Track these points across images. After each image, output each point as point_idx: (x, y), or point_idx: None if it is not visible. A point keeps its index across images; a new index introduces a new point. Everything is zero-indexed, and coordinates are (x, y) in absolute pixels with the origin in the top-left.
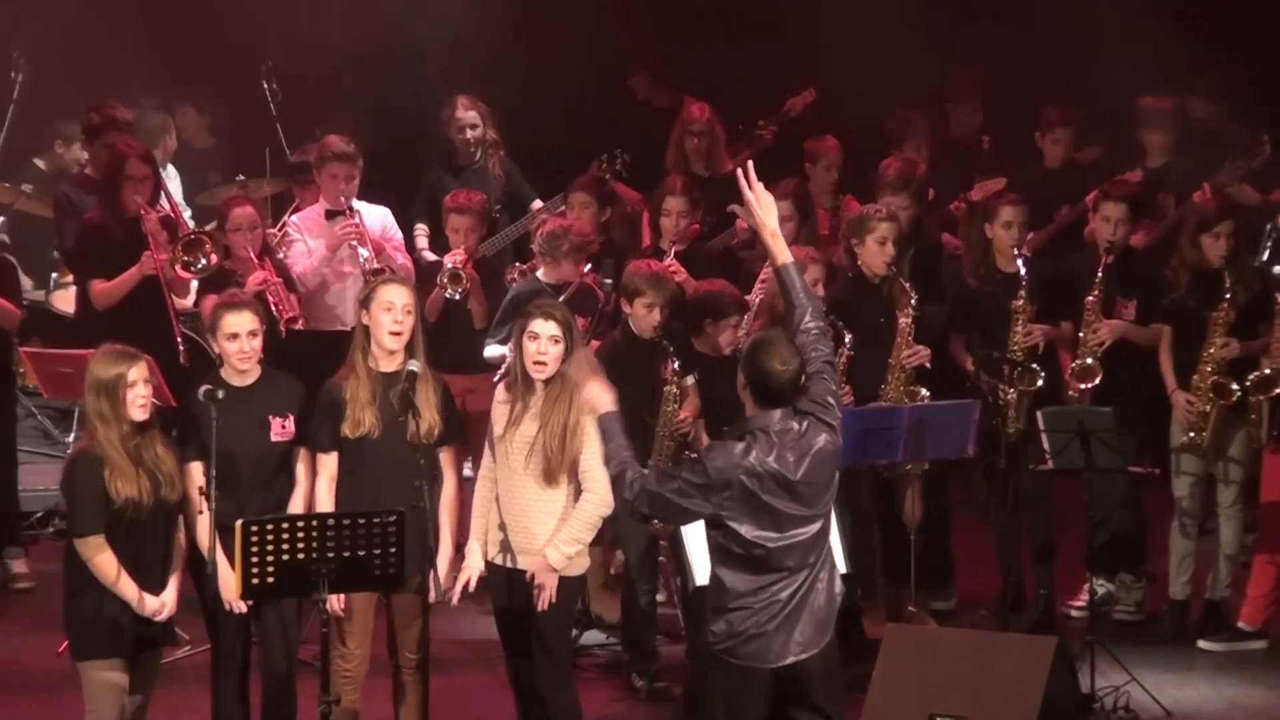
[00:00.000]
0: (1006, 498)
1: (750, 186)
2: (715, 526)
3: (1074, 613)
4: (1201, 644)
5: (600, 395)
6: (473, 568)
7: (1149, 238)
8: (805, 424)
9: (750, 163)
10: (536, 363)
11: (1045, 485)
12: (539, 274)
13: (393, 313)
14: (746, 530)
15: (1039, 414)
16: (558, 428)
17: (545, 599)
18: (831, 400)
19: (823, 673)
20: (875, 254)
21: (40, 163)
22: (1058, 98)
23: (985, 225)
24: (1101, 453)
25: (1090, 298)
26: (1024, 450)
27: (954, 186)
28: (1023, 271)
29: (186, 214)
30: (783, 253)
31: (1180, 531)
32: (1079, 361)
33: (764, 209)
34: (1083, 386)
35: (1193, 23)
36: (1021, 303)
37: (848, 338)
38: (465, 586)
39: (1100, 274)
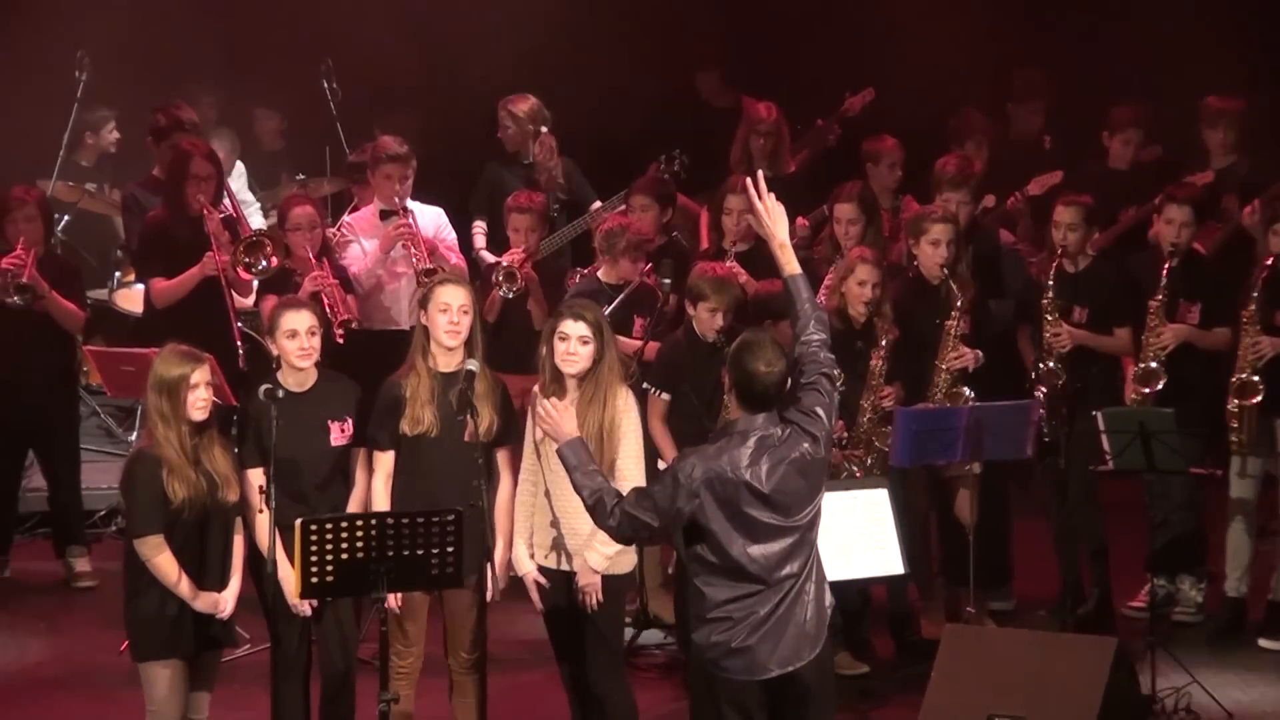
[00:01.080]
0: (1064, 498)
1: (761, 197)
2: (692, 534)
3: (1134, 614)
4: (1263, 643)
5: (557, 428)
6: (527, 572)
7: (1213, 240)
8: (787, 431)
9: (761, 173)
10: (564, 363)
11: (1094, 488)
12: (599, 274)
13: (449, 313)
14: (721, 537)
15: (1099, 415)
16: (594, 429)
17: (591, 602)
18: (820, 412)
19: (816, 682)
20: (929, 255)
21: (83, 161)
22: (1121, 97)
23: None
24: (1163, 454)
25: (1154, 301)
26: (1078, 451)
27: (1015, 187)
28: (1051, 276)
29: (255, 212)
30: (791, 263)
31: (1239, 531)
32: (1142, 365)
33: (774, 219)
34: (1145, 390)
35: (1259, 21)
36: (1049, 303)
37: (883, 340)
38: (499, 585)
39: (1164, 277)
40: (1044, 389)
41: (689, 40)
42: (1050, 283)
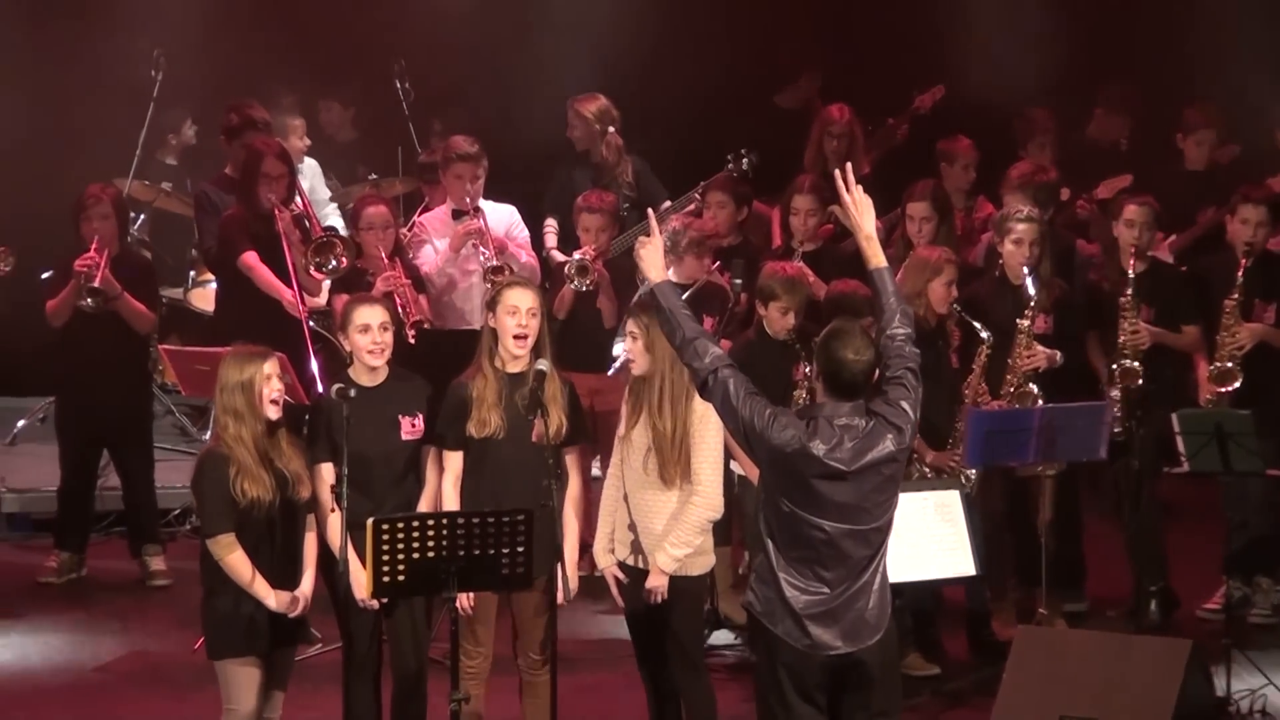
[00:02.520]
0: (1138, 500)
1: (849, 189)
2: (767, 494)
3: (1209, 616)
4: None
5: (653, 260)
6: (607, 566)
7: None
8: (872, 423)
9: (849, 165)
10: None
11: (1154, 486)
12: (669, 273)
13: (517, 316)
14: (791, 504)
15: (1174, 417)
16: (668, 430)
17: (654, 600)
18: (906, 406)
19: (877, 668)
20: (1012, 255)
21: (168, 159)
22: (1197, 97)
23: (1114, 224)
24: (1239, 456)
25: (1229, 301)
26: (1147, 451)
27: (1086, 187)
28: (1130, 274)
29: (333, 211)
30: (877, 256)
31: None
32: (1218, 365)
33: (861, 212)
34: (1221, 390)
35: None
36: (1128, 300)
37: (985, 334)
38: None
39: (1239, 277)
40: (1119, 389)
41: (763, 40)
42: (1131, 279)
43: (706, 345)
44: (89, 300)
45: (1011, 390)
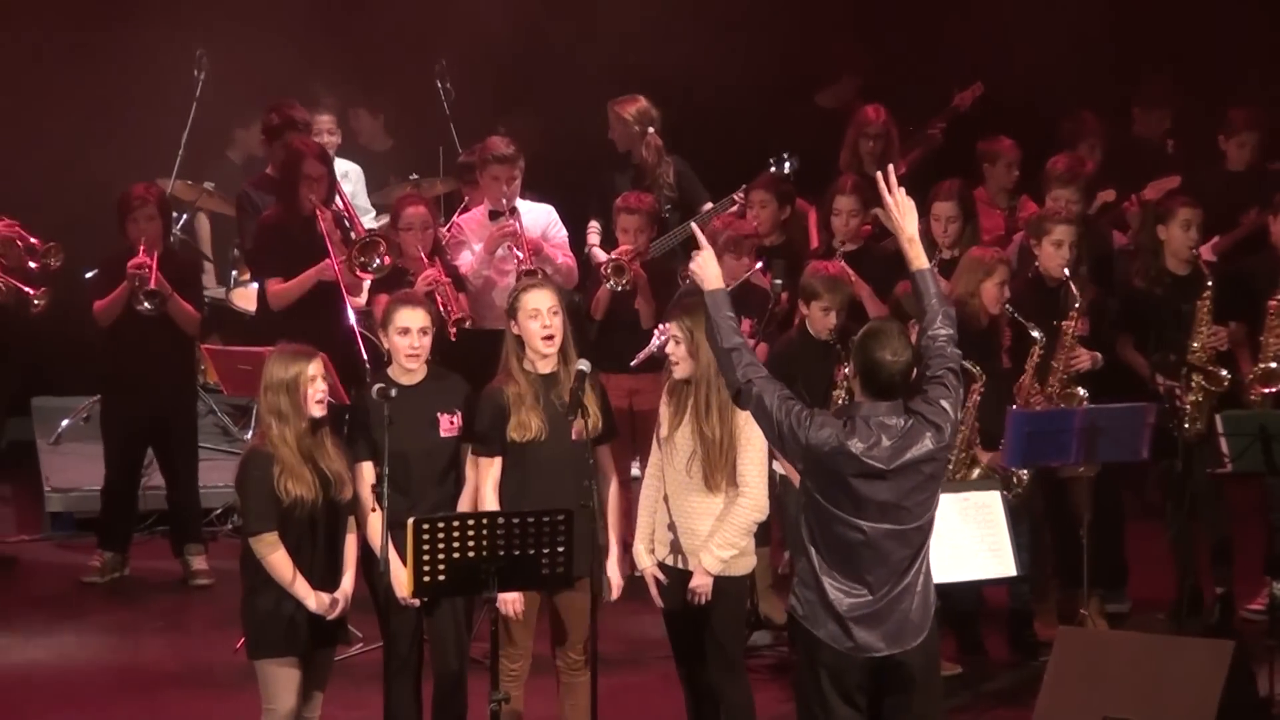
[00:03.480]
0: (1183, 501)
1: (891, 191)
2: (807, 495)
3: (1254, 616)
4: None
5: (710, 270)
6: (646, 567)
7: None
8: (910, 422)
9: (891, 166)
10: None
11: (1219, 486)
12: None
13: (540, 318)
14: (830, 505)
15: (1219, 417)
16: (716, 437)
17: (699, 601)
18: (946, 405)
19: (920, 671)
20: (1051, 256)
21: (232, 155)
22: (1244, 99)
23: (1159, 226)
24: None
25: (1274, 301)
26: (1200, 453)
27: (1134, 188)
28: (1206, 272)
29: (370, 216)
30: (919, 258)
31: None
32: (1261, 365)
33: (904, 214)
34: (1265, 391)
35: None
36: (1207, 304)
37: (1037, 334)
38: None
39: None
40: (1180, 390)
41: (804, 40)
42: (1209, 283)
43: (743, 355)
44: (147, 303)
45: (1056, 391)
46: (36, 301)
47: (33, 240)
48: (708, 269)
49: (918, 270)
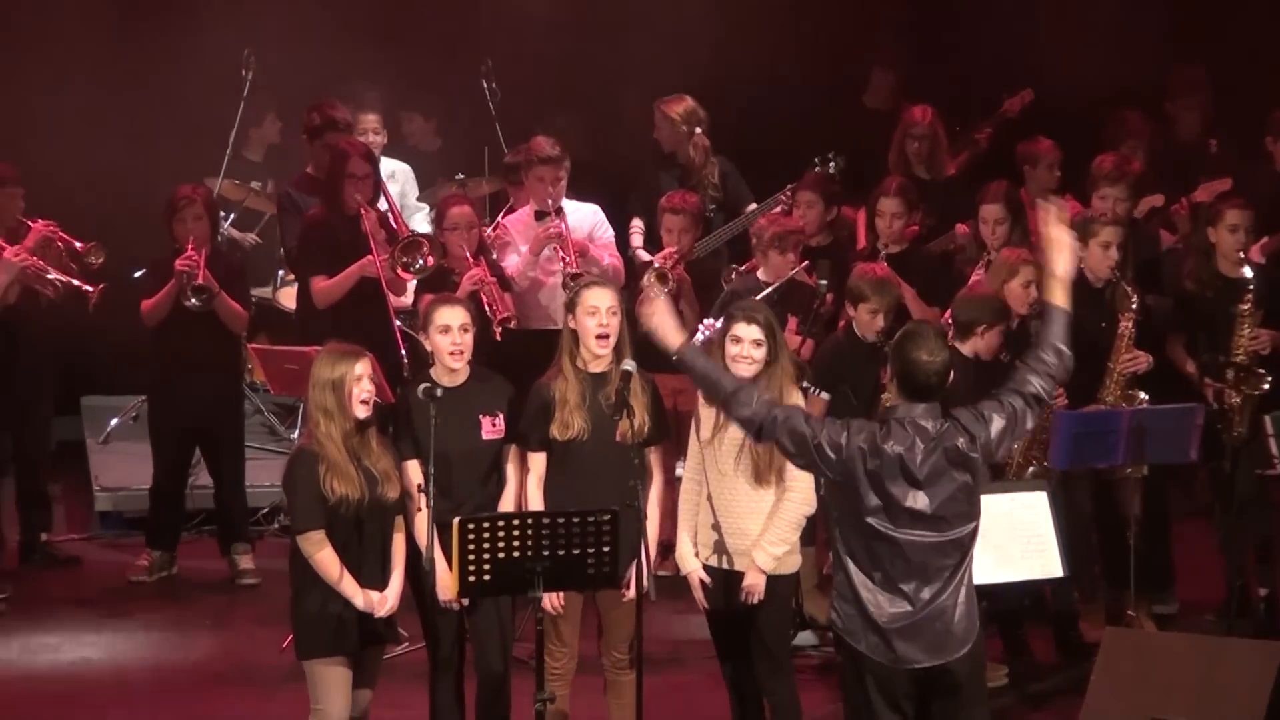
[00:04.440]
0: (1232, 502)
1: (1048, 225)
2: (842, 507)
3: None
4: None
5: (667, 329)
6: (691, 570)
7: None
8: (945, 425)
9: (1056, 202)
10: (738, 366)
11: (1265, 487)
12: (758, 273)
13: (598, 316)
14: (868, 514)
15: (1266, 419)
16: None
17: (752, 600)
18: (992, 417)
19: (966, 678)
20: (1099, 258)
21: (251, 156)
22: None
23: (1209, 228)
24: None
25: None
26: (1246, 454)
27: (1179, 190)
28: (1249, 274)
29: (422, 214)
30: (1060, 296)
31: None
32: None
33: (1056, 250)
34: None
35: None
36: (1248, 307)
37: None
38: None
39: None
40: (1232, 392)
41: (850, 40)
42: (1250, 286)
43: (750, 392)
44: (194, 299)
45: (1113, 394)
46: (93, 298)
47: (76, 244)
48: (664, 325)
49: (1056, 307)
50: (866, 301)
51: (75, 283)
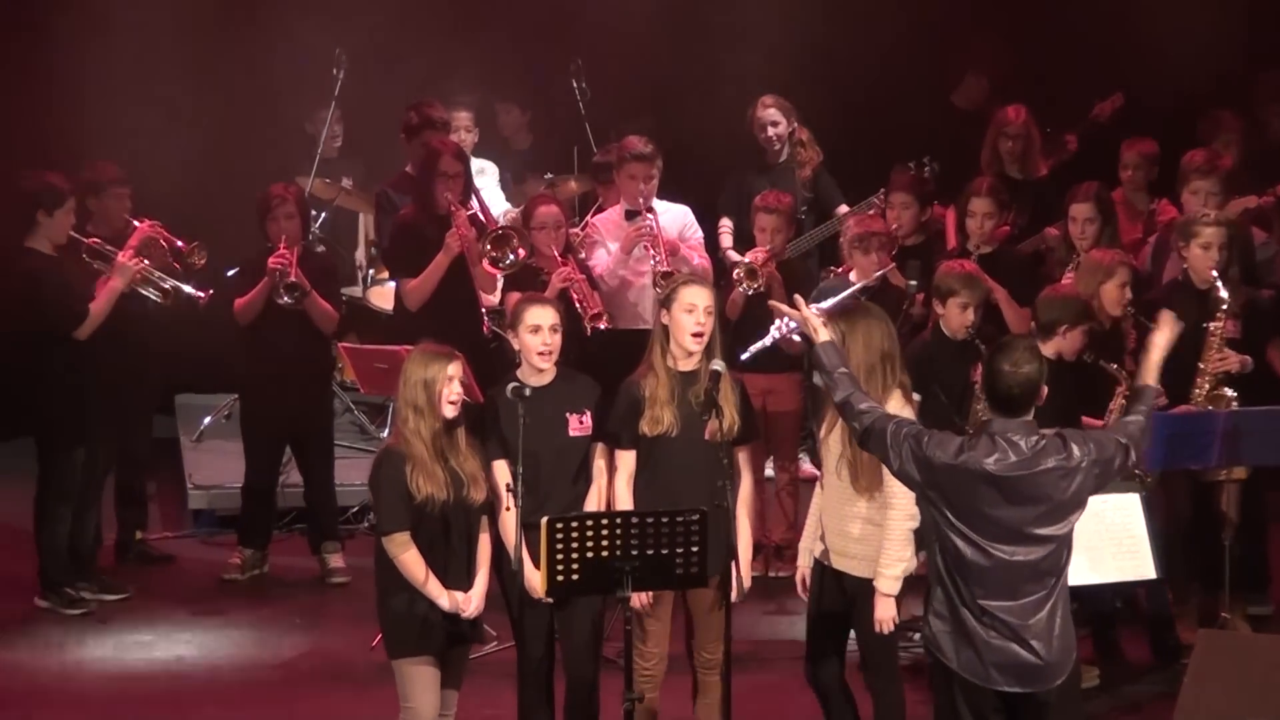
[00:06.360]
0: None
1: (1162, 333)
2: (935, 521)
3: None
4: None
5: (815, 322)
6: (800, 566)
7: None
8: (1042, 443)
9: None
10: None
11: None
12: (850, 275)
13: (694, 314)
14: (954, 524)
15: None
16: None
17: (887, 627)
18: (1091, 446)
19: (1058, 699)
20: (1200, 259)
21: (328, 154)
22: None
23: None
24: None
25: None
26: None
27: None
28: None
29: (506, 212)
30: (1152, 375)
31: None
32: None
33: (1163, 327)
34: None
35: None
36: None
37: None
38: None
39: None
40: None
41: (941, 39)
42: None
43: (861, 399)
44: (287, 297)
45: (1203, 393)
46: (203, 303)
47: (178, 243)
48: (812, 318)
49: (1146, 385)
50: (955, 295)
51: (186, 289)
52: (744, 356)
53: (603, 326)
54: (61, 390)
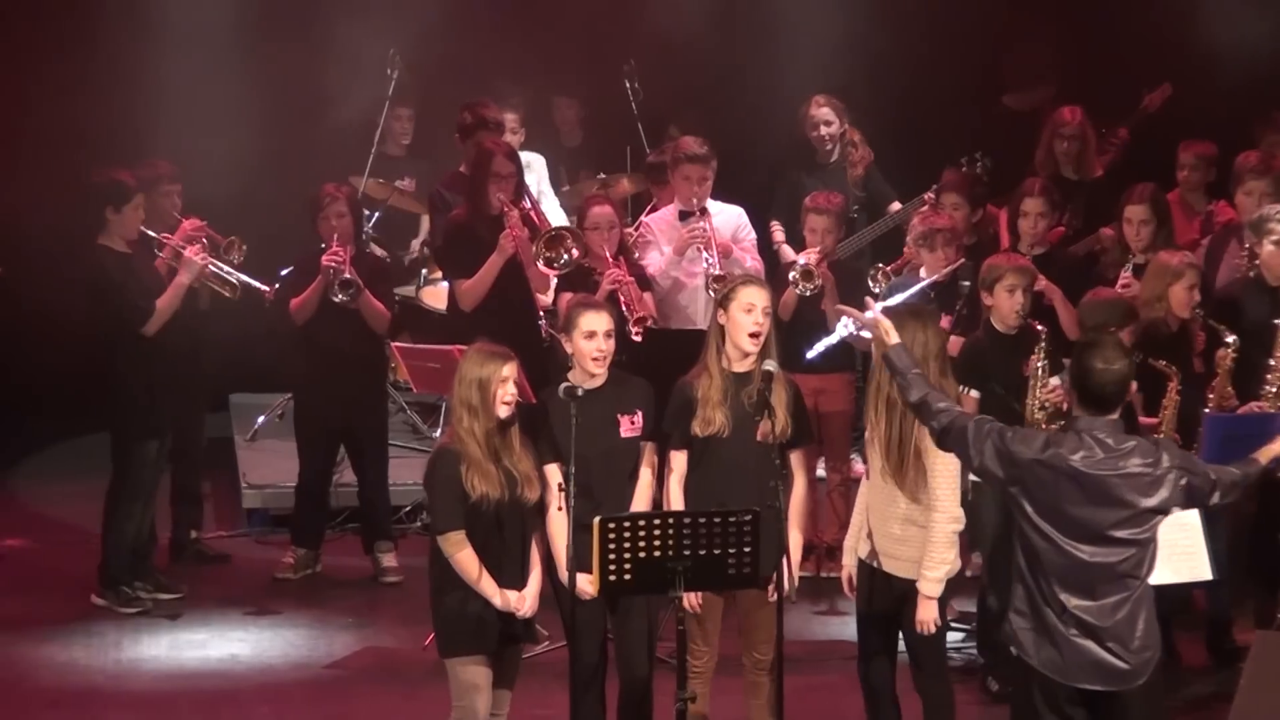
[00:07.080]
0: None
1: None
2: (1020, 527)
3: None
4: None
5: (885, 326)
6: (846, 567)
7: None
8: (1131, 443)
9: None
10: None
11: None
12: (921, 270)
13: (753, 314)
14: (1036, 521)
15: None
16: (896, 435)
17: (928, 629)
18: (1196, 464)
19: (1140, 702)
20: (1273, 256)
21: (390, 151)
22: None
23: None
24: None
25: None
26: None
27: None
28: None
29: (556, 211)
30: (1263, 457)
31: None
32: None
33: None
34: None
35: None
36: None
37: (1230, 338)
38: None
39: None
40: None
41: (993, 40)
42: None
43: (937, 398)
44: (341, 295)
45: (1271, 394)
46: (269, 296)
47: (220, 240)
48: (882, 322)
49: (1254, 461)
50: (1003, 280)
51: (254, 283)
52: (810, 355)
53: (650, 325)
54: (135, 386)
